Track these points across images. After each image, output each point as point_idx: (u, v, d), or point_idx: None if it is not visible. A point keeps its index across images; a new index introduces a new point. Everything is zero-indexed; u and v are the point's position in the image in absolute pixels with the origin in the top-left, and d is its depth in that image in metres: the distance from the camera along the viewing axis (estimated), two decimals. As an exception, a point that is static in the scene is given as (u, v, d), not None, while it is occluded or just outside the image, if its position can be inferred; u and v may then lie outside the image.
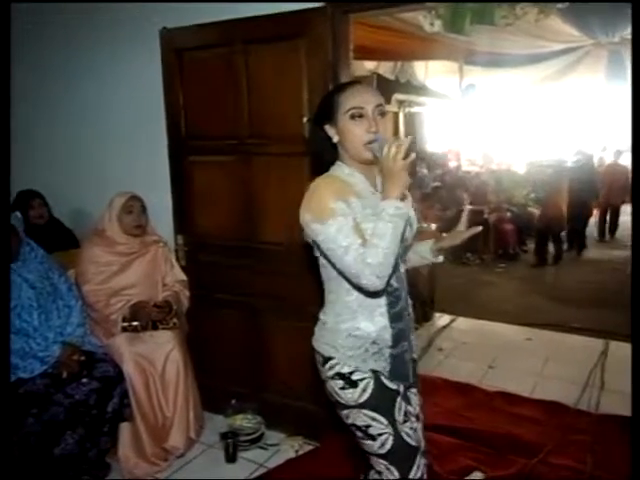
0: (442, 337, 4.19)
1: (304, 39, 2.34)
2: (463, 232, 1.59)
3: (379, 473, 1.51)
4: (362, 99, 1.41)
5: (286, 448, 2.61)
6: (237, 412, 2.70)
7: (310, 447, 2.62)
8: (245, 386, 2.79)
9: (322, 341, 1.50)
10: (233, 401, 2.71)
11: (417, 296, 1.66)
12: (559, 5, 3.37)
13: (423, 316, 4.33)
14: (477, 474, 2.41)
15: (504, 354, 3.84)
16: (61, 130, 3.24)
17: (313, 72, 2.35)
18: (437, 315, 4.62)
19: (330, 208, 1.33)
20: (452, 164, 9.13)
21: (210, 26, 2.55)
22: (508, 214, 7.02)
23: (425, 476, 1.52)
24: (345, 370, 1.45)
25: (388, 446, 1.46)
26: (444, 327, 4.40)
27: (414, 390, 1.62)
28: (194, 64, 2.64)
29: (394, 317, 1.48)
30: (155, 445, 2.49)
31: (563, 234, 6.81)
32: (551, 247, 6.63)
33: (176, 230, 2.86)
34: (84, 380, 2.29)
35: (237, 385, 2.80)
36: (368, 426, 1.45)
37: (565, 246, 6.93)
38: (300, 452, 2.59)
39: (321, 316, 1.53)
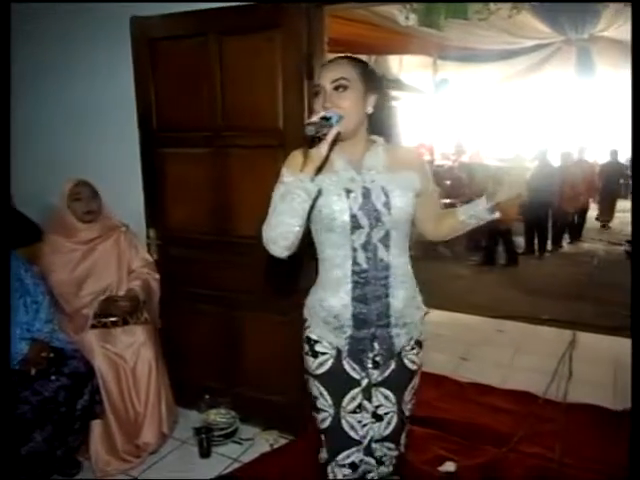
0: (416, 330, 4.23)
1: (279, 31, 2.32)
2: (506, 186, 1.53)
3: None
4: (320, 76, 1.43)
5: (261, 442, 2.61)
6: (211, 407, 2.68)
7: (285, 441, 2.62)
8: (219, 381, 2.77)
9: (306, 305, 1.60)
10: (207, 396, 2.70)
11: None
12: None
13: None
14: (449, 464, 2.45)
15: (476, 346, 3.91)
16: (30, 124, 3.14)
17: (288, 64, 2.33)
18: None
19: (280, 181, 1.40)
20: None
21: (183, 15, 2.50)
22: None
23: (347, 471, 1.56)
24: (312, 336, 1.55)
25: (325, 425, 1.55)
26: (418, 319, 4.44)
27: (386, 392, 1.55)
28: (166, 54, 2.59)
29: (358, 298, 1.46)
30: (127, 442, 2.46)
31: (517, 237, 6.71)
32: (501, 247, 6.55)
33: (148, 223, 2.81)
34: (53, 377, 2.24)
35: (211, 380, 2.78)
36: (316, 398, 1.54)
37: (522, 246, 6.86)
38: (275, 446, 2.59)
39: None
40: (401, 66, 6.55)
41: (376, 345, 1.50)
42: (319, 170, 1.35)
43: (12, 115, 3.09)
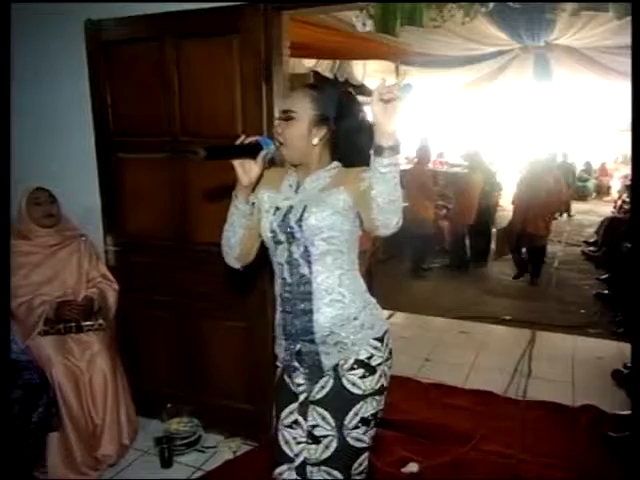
0: (381, 332, 4.26)
1: (237, 35, 2.31)
2: None
3: None
4: (279, 106, 1.54)
5: (224, 450, 2.57)
6: (173, 416, 2.64)
7: (249, 448, 2.60)
8: (181, 389, 2.73)
9: None
10: (168, 405, 2.65)
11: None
12: (483, 8, 3.53)
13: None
14: (412, 464, 2.48)
15: (439, 347, 3.96)
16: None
17: (246, 69, 2.32)
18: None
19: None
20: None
21: (139, 19, 2.47)
22: (444, 211, 7.23)
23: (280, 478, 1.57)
24: (276, 350, 1.62)
25: (272, 431, 1.62)
26: (383, 322, 4.47)
27: (323, 412, 1.48)
28: (122, 58, 2.55)
29: (286, 311, 1.51)
30: (86, 454, 2.39)
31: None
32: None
33: (105, 230, 2.76)
34: (6, 390, 2.17)
35: (173, 388, 2.74)
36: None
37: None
38: (238, 453, 2.56)
39: None
40: (365, 71, 6.59)
41: (304, 360, 1.51)
42: (253, 188, 1.48)
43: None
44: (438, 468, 2.46)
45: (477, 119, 11.89)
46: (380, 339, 1.52)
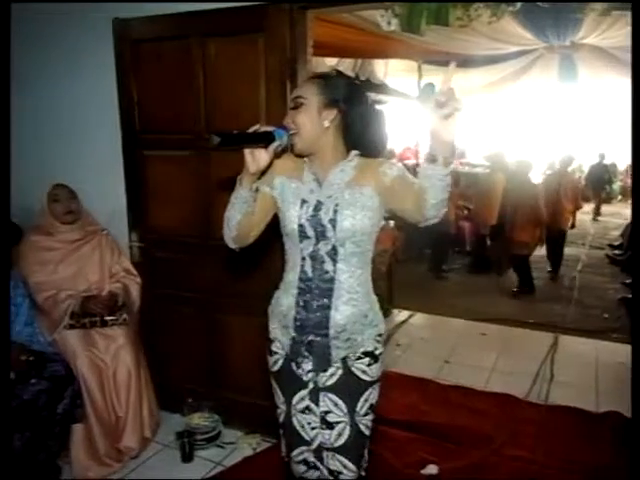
0: (400, 333, 4.26)
1: (262, 34, 2.32)
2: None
3: None
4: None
5: (243, 446, 2.59)
6: (194, 410, 2.67)
7: (268, 445, 2.61)
8: (202, 384, 2.75)
9: (270, 302, 1.64)
10: (190, 399, 2.68)
11: (375, 292, 1.62)
12: (510, 8, 3.48)
13: (382, 312, 4.37)
14: (432, 467, 2.46)
15: (459, 349, 3.93)
16: (11, 126, 3.10)
17: (271, 68, 2.33)
18: (395, 311, 4.69)
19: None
20: (410, 162, 9.24)
21: (166, 18, 2.49)
22: (465, 211, 7.17)
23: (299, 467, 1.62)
24: (270, 336, 1.62)
25: (281, 420, 1.64)
26: (402, 323, 4.47)
27: (334, 398, 1.52)
28: (149, 56, 2.58)
29: (301, 304, 1.52)
30: (108, 446, 2.43)
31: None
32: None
33: (130, 226, 2.79)
34: (33, 380, 2.21)
35: (194, 383, 2.77)
36: (274, 394, 1.65)
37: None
38: (258, 450, 2.58)
39: None
40: (387, 70, 6.57)
41: (313, 351, 1.52)
42: (260, 177, 1.47)
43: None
44: (458, 471, 2.44)
45: (500, 120, 11.74)
46: (381, 334, 1.60)
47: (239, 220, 1.48)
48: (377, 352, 1.56)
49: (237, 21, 2.37)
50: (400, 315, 4.62)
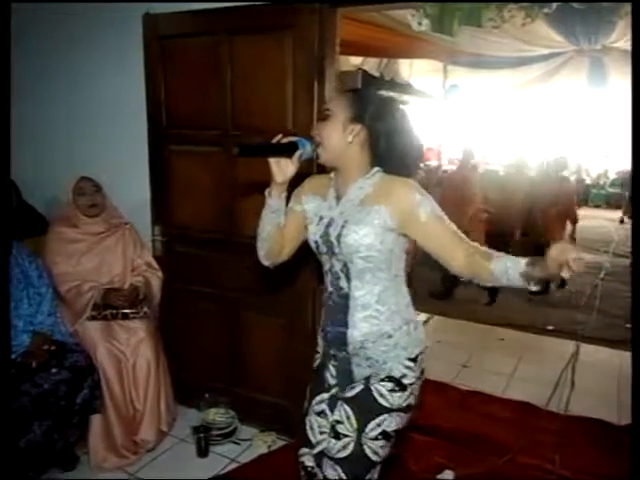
0: (418, 335, 4.21)
1: (291, 32, 2.31)
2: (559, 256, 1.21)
3: None
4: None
5: (259, 443, 2.59)
6: (210, 406, 2.67)
7: (283, 443, 2.61)
8: (219, 380, 2.76)
9: None
10: (206, 395, 2.69)
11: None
12: (546, 9, 3.40)
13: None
14: (448, 472, 2.44)
15: (477, 353, 3.89)
16: (38, 118, 3.14)
17: (299, 65, 2.32)
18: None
19: None
20: (433, 163, 9.18)
21: (195, 14, 2.49)
22: (485, 215, 7.07)
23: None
24: (318, 337, 1.66)
25: (304, 412, 1.65)
26: (420, 325, 4.42)
27: (348, 411, 1.48)
28: (177, 52, 2.59)
29: (327, 317, 1.56)
30: (125, 437, 2.45)
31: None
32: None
33: (154, 220, 2.81)
34: (53, 370, 2.24)
35: (211, 379, 2.78)
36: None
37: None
38: (273, 448, 2.58)
39: None
40: (412, 70, 6.53)
41: (337, 365, 1.56)
42: (290, 189, 1.50)
43: (22, 111, 3.12)
44: (474, 477, 2.41)
45: (525, 122, 11.58)
46: (414, 359, 1.51)
47: (269, 231, 1.52)
48: (405, 381, 1.48)
49: (265, 18, 2.36)
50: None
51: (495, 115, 10.91)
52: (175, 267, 2.77)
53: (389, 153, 1.44)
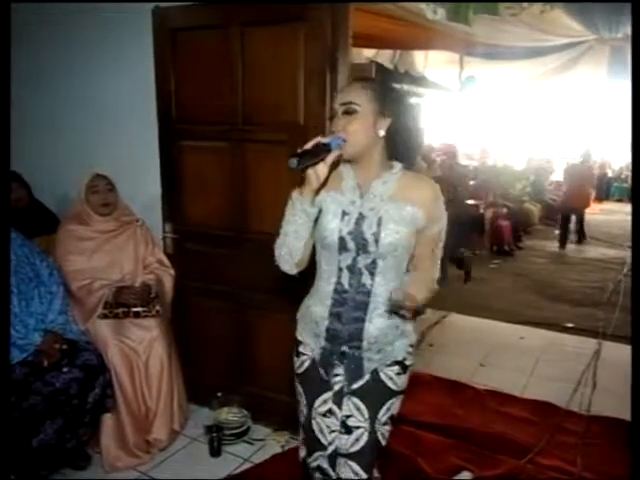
0: (433, 333, 4.15)
1: (303, 24, 2.26)
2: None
3: None
4: (336, 100, 1.45)
5: (272, 443, 2.57)
6: (223, 405, 2.65)
7: (296, 443, 2.57)
8: (232, 379, 2.73)
9: (300, 307, 1.65)
10: (219, 394, 2.66)
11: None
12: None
13: (416, 311, 4.27)
14: (465, 474, 2.39)
15: (495, 352, 3.81)
16: (47, 113, 3.13)
17: (311, 58, 2.27)
18: (429, 311, 4.57)
19: (290, 196, 1.45)
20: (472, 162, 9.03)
21: (206, 6, 2.46)
22: (504, 210, 6.97)
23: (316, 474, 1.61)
24: (298, 337, 1.62)
25: (302, 422, 1.62)
26: (436, 323, 4.35)
27: (358, 403, 1.51)
28: (188, 45, 2.55)
29: (335, 315, 1.50)
30: (138, 437, 2.43)
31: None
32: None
33: (164, 217, 2.78)
34: (65, 369, 2.22)
35: (224, 378, 2.75)
36: (298, 395, 1.63)
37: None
38: (286, 448, 2.54)
39: None
40: (426, 62, 6.42)
41: (344, 362, 1.52)
42: (318, 190, 1.40)
43: (33, 107, 3.11)
44: (492, 479, 2.35)
45: (542, 114, 11.35)
46: (412, 345, 1.60)
47: (307, 241, 1.46)
48: (407, 362, 1.57)
49: (278, 10, 2.31)
50: (434, 315, 4.51)
51: (513, 107, 10.70)
52: (186, 264, 2.74)
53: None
